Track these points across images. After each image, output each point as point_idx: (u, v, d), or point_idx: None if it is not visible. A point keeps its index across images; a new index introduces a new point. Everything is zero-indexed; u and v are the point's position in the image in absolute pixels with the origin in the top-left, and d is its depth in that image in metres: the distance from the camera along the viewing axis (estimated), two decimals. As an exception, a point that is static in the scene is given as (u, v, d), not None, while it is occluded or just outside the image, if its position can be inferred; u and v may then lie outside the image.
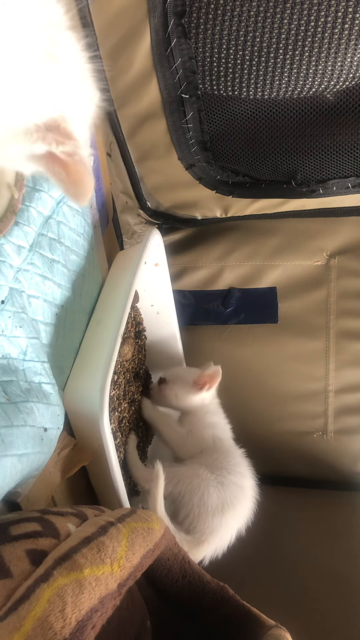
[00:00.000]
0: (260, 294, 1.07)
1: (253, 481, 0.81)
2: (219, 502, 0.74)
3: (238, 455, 0.84)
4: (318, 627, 0.80)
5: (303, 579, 0.88)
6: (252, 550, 0.82)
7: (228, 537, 0.75)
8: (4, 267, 0.55)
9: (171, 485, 0.74)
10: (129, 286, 0.75)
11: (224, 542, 0.75)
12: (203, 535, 0.72)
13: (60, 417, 0.61)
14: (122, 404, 0.83)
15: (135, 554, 0.44)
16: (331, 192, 0.90)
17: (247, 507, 0.78)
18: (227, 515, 0.74)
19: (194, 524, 0.73)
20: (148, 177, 0.97)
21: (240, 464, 0.81)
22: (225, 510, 0.74)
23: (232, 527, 0.75)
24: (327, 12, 0.65)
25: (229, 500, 0.75)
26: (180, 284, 1.10)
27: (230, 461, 0.80)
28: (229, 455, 0.82)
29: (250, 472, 0.82)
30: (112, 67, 0.77)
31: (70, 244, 0.69)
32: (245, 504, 0.78)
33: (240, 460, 0.83)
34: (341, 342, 1.02)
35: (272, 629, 0.51)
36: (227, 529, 0.75)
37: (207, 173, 0.91)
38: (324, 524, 0.99)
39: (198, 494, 0.74)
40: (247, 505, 0.78)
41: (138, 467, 0.79)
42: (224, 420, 0.90)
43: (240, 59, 0.71)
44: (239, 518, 0.76)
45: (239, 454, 0.84)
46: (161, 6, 0.69)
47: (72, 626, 0.35)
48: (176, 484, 0.74)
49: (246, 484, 0.79)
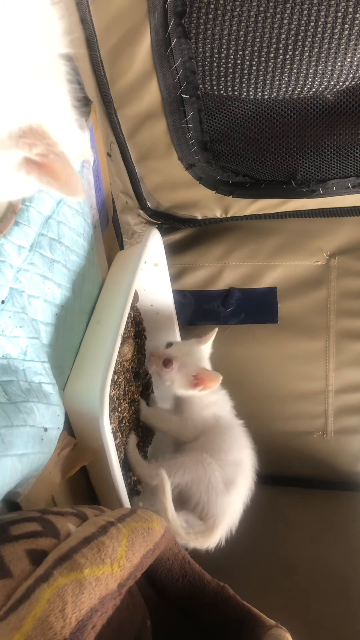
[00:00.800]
0: (260, 294, 1.07)
1: (250, 450, 0.82)
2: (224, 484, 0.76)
3: (236, 428, 0.84)
4: (318, 627, 0.80)
5: (303, 579, 0.88)
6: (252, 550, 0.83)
7: (237, 513, 0.77)
8: (4, 267, 0.55)
9: (177, 476, 0.74)
10: (128, 286, 0.75)
11: (234, 519, 0.77)
12: (217, 519, 0.74)
13: (60, 417, 0.61)
14: (122, 403, 0.83)
15: (135, 554, 0.44)
16: (331, 192, 0.90)
17: (249, 478, 0.80)
18: (233, 493, 0.76)
19: (205, 510, 0.74)
20: (148, 177, 0.97)
21: (238, 438, 0.82)
22: (231, 490, 0.76)
23: (239, 503, 0.77)
24: (327, 12, 0.65)
25: (231, 479, 0.77)
26: (180, 284, 1.10)
27: (226, 439, 0.81)
28: (227, 431, 0.83)
29: (247, 442, 0.83)
30: (112, 67, 0.77)
31: (70, 244, 0.69)
32: (246, 477, 0.79)
33: (238, 434, 0.83)
34: (341, 342, 1.02)
35: (272, 629, 0.51)
36: (236, 506, 0.77)
37: (207, 173, 0.91)
38: (323, 524, 0.99)
39: (205, 481, 0.75)
40: (248, 476, 0.80)
41: (142, 465, 0.79)
42: (222, 397, 0.88)
43: (240, 59, 0.71)
44: (243, 491, 0.78)
45: (237, 426, 0.85)
46: (161, 6, 0.69)
47: (72, 626, 0.35)
48: (182, 474, 0.75)
49: (244, 457, 0.80)
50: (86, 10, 0.70)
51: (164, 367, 0.83)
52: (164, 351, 0.85)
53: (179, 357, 0.84)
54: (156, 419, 0.89)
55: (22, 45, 0.36)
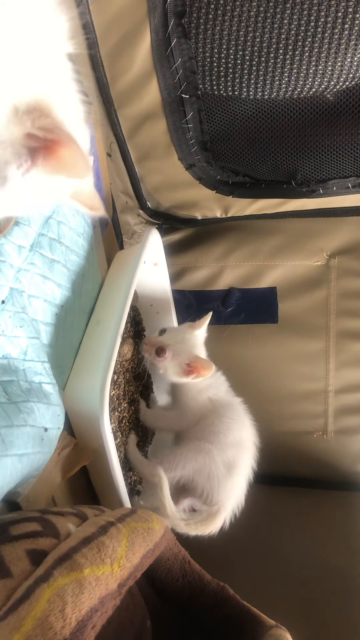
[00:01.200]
0: (260, 294, 1.07)
1: (251, 427, 0.82)
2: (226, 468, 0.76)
3: (235, 407, 0.84)
4: (318, 627, 0.80)
5: (303, 579, 0.88)
6: (252, 550, 0.83)
7: (242, 493, 0.78)
8: (5, 267, 0.55)
9: (178, 469, 0.75)
10: (128, 286, 0.75)
11: (239, 500, 0.78)
12: (221, 505, 0.75)
13: (60, 417, 0.61)
14: (122, 403, 0.83)
15: (135, 554, 0.44)
16: (331, 192, 0.90)
17: (250, 457, 0.80)
18: (235, 475, 0.77)
19: (209, 497, 0.75)
20: (148, 177, 0.97)
21: (237, 418, 0.82)
22: (233, 472, 0.76)
23: (242, 484, 0.78)
24: (327, 12, 0.65)
25: (232, 462, 0.77)
26: (180, 284, 1.10)
27: (224, 421, 0.81)
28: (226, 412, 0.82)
29: (247, 419, 0.83)
30: (112, 67, 0.77)
31: (70, 244, 0.69)
32: (248, 456, 0.80)
33: (237, 413, 0.83)
34: (341, 342, 1.02)
35: (272, 628, 0.51)
36: (239, 487, 0.78)
37: (207, 173, 0.91)
38: (323, 524, 0.99)
39: (205, 470, 0.75)
40: (250, 455, 0.80)
41: (143, 463, 0.79)
42: (217, 379, 0.87)
43: (240, 59, 0.71)
44: (246, 471, 0.79)
45: (236, 405, 0.85)
46: (161, 6, 0.69)
47: (72, 626, 0.35)
48: (183, 467, 0.75)
49: (244, 436, 0.81)
50: (86, 10, 0.70)
51: (157, 356, 0.82)
52: (157, 339, 0.84)
53: (172, 345, 0.82)
54: (154, 419, 0.89)
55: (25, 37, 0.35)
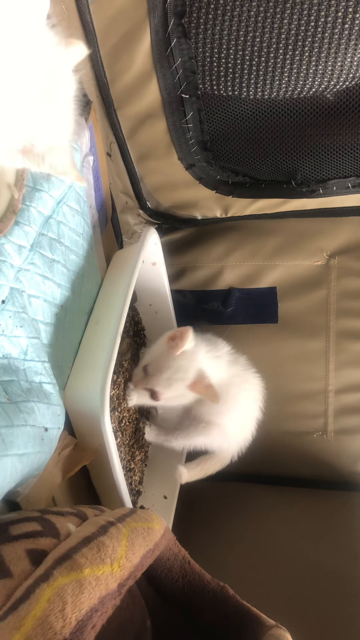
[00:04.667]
0: (260, 294, 1.07)
1: (257, 379, 0.88)
2: (239, 426, 0.86)
3: (241, 367, 0.88)
4: (318, 627, 0.80)
5: (303, 579, 0.88)
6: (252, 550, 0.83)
7: (249, 432, 0.87)
8: (5, 266, 0.55)
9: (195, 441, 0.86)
10: (127, 286, 0.75)
11: (247, 438, 0.87)
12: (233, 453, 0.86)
13: (60, 416, 0.61)
14: (122, 403, 0.83)
15: (135, 554, 0.44)
16: (331, 192, 0.90)
17: (258, 403, 0.88)
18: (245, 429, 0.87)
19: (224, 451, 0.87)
20: (148, 177, 0.97)
21: (242, 374, 0.87)
22: (244, 425, 0.87)
23: (250, 425, 0.87)
24: (327, 12, 0.65)
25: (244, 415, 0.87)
26: (180, 283, 1.10)
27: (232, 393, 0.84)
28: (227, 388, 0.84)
29: (250, 371, 0.88)
30: (112, 67, 0.77)
31: (70, 244, 0.69)
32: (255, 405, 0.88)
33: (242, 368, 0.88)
34: (341, 342, 1.02)
35: (272, 628, 0.51)
36: (248, 429, 0.87)
37: (207, 173, 0.91)
38: (323, 524, 0.99)
39: (219, 440, 0.86)
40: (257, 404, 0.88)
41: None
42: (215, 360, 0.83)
43: (240, 59, 0.71)
44: (254, 414, 0.87)
45: (242, 364, 0.89)
46: (161, 6, 0.69)
47: (72, 626, 0.35)
48: (196, 439, 0.86)
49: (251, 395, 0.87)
50: (86, 10, 0.70)
51: (154, 399, 0.77)
52: (142, 381, 0.77)
53: (163, 380, 0.75)
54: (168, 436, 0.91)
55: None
